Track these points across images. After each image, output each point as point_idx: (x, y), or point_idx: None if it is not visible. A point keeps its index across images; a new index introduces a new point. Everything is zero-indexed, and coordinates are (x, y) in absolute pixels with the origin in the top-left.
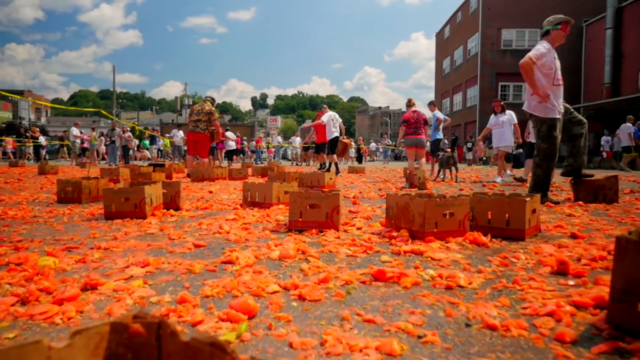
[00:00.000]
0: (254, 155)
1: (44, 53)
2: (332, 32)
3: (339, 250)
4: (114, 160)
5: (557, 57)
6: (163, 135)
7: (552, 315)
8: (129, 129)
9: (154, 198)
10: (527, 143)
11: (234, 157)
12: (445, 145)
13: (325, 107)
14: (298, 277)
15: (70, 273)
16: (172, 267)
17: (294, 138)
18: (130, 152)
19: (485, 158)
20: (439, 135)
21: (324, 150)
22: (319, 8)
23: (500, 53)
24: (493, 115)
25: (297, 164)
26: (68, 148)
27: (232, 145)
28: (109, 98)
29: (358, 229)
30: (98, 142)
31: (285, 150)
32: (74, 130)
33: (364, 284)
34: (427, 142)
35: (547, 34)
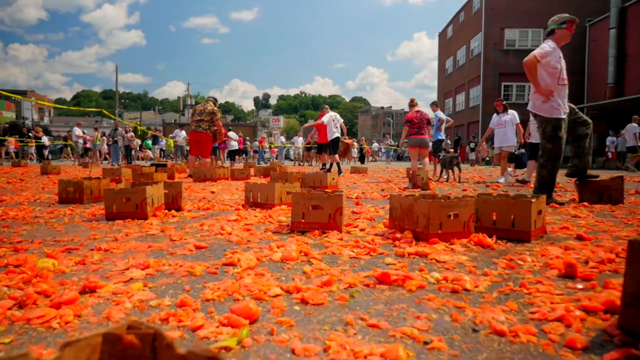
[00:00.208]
0: (257, 155)
1: (47, 53)
2: (334, 32)
3: (342, 252)
4: (117, 160)
5: (562, 56)
6: (166, 136)
7: (561, 321)
8: (132, 129)
9: (156, 198)
10: (527, 144)
11: (237, 157)
12: (448, 146)
13: (327, 107)
14: (300, 279)
15: (70, 275)
16: (172, 269)
17: (297, 138)
18: (133, 152)
19: (489, 158)
20: (441, 136)
21: (326, 151)
22: (322, 8)
23: (503, 53)
24: (495, 115)
25: (299, 164)
26: (72, 148)
27: (234, 146)
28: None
29: (361, 230)
30: (100, 142)
31: (288, 151)
32: (77, 130)
33: (368, 287)
34: (430, 142)
35: (552, 33)
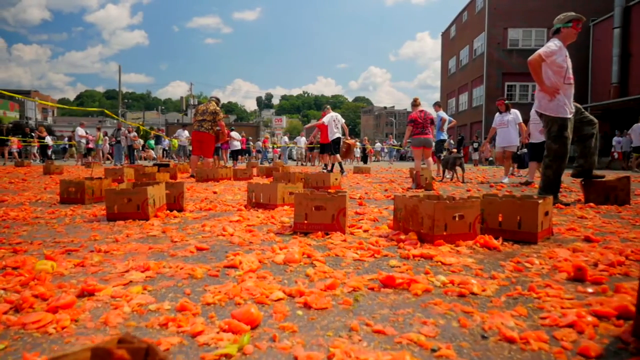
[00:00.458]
0: (260, 155)
1: (51, 53)
2: (337, 32)
3: (346, 254)
4: (119, 160)
5: (568, 55)
6: (168, 136)
7: (573, 327)
8: (134, 129)
9: (157, 199)
10: (527, 144)
11: (239, 157)
12: (452, 146)
13: (328, 107)
14: (303, 283)
15: (68, 278)
16: (173, 271)
17: (299, 138)
18: (135, 152)
19: (492, 158)
20: (443, 136)
21: (328, 151)
22: (324, 8)
23: (507, 53)
24: (498, 114)
25: (302, 164)
26: (76, 148)
27: (237, 145)
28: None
29: (365, 232)
30: (103, 141)
31: (291, 151)
32: (80, 130)
33: (373, 291)
34: (433, 142)
35: (558, 32)
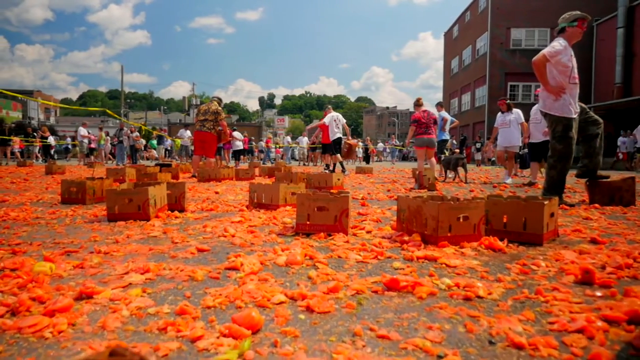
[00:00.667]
0: (262, 155)
1: (53, 53)
2: (339, 32)
3: (349, 256)
4: (122, 160)
5: (573, 54)
6: (171, 136)
7: (583, 332)
8: (137, 129)
9: (158, 199)
10: (528, 144)
11: (241, 157)
12: (454, 146)
13: (330, 107)
14: (306, 285)
15: (67, 280)
16: (173, 273)
17: (301, 138)
18: (138, 152)
19: (494, 159)
20: (445, 136)
21: (329, 151)
22: (327, 8)
23: (510, 53)
24: (500, 114)
25: (304, 164)
26: (79, 148)
27: (239, 145)
28: (118, 98)
29: (368, 233)
30: (105, 141)
31: (293, 151)
32: (82, 130)
33: (376, 294)
34: (436, 142)
35: (563, 31)
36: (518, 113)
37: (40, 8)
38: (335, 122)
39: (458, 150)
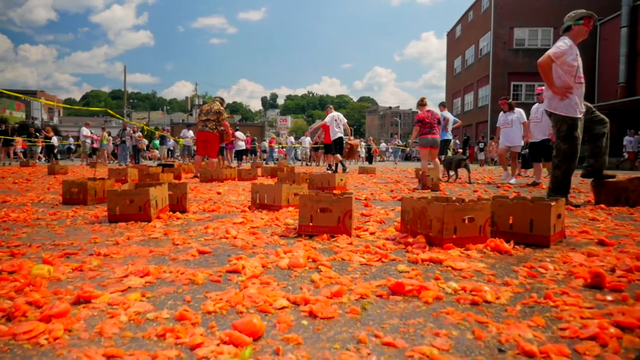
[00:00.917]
0: (264, 155)
1: (57, 54)
2: (342, 32)
3: (352, 258)
4: (124, 160)
5: (578, 54)
6: (174, 136)
7: (595, 339)
8: (139, 129)
9: (160, 200)
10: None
11: (244, 157)
12: (457, 146)
13: (331, 107)
14: (308, 289)
15: (65, 283)
16: (173, 276)
17: (304, 138)
18: (140, 152)
19: (497, 159)
20: (447, 136)
21: (331, 151)
22: (329, 8)
23: (513, 52)
24: (502, 114)
25: (307, 164)
26: (82, 148)
27: (241, 145)
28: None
29: (371, 234)
30: (107, 141)
31: (296, 151)
32: (84, 130)
33: (381, 298)
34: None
35: (568, 30)
36: (520, 112)
37: (44, 8)
38: (336, 121)
39: (461, 151)
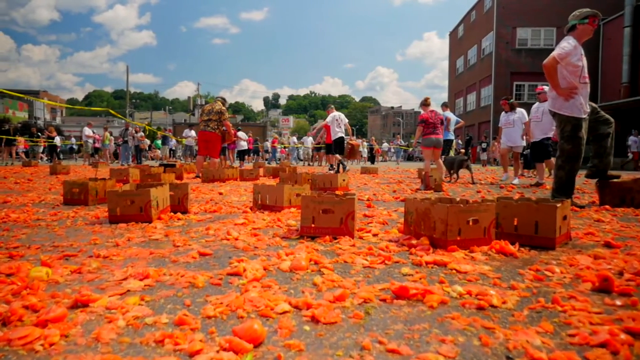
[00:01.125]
0: (267, 155)
1: (59, 54)
2: (344, 32)
3: (355, 261)
4: (127, 160)
5: (583, 54)
6: (176, 136)
7: (606, 346)
8: (141, 129)
9: (161, 201)
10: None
11: (246, 157)
12: (459, 146)
13: (332, 107)
14: (311, 293)
15: (63, 286)
16: (173, 279)
17: (306, 138)
18: (142, 152)
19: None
20: (449, 136)
21: (332, 151)
22: (331, 8)
23: (515, 52)
24: (503, 114)
25: (309, 164)
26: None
27: (243, 146)
28: (123, 98)
29: (374, 236)
30: (109, 141)
31: (298, 151)
32: (87, 130)
33: (385, 302)
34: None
35: (573, 29)
36: (522, 112)
37: (47, 9)
38: (337, 121)
39: (463, 151)
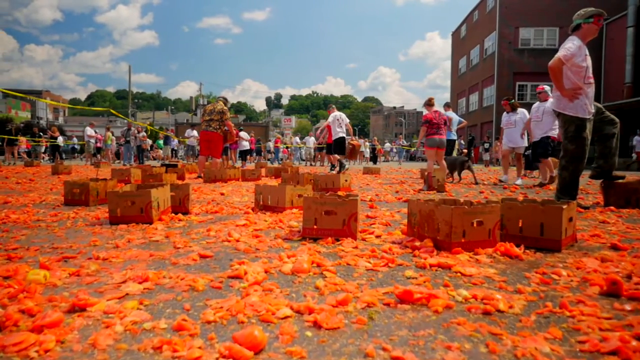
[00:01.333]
0: (269, 155)
1: (62, 54)
2: (346, 32)
3: (358, 263)
4: (129, 160)
5: (588, 54)
6: (178, 136)
7: (617, 354)
8: (143, 129)
9: (162, 201)
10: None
11: (248, 157)
12: (462, 146)
13: (333, 106)
14: (313, 297)
15: (61, 289)
16: (173, 282)
17: (308, 138)
18: (144, 152)
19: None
20: (452, 136)
21: (331, 151)
22: (334, 8)
23: (518, 52)
24: (505, 114)
25: (311, 164)
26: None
27: (245, 146)
28: (126, 98)
29: (377, 238)
30: (111, 141)
31: (300, 151)
32: (89, 130)
33: (389, 307)
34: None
35: (577, 29)
36: (523, 113)
37: (49, 9)
38: (338, 121)
39: (465, 151)
